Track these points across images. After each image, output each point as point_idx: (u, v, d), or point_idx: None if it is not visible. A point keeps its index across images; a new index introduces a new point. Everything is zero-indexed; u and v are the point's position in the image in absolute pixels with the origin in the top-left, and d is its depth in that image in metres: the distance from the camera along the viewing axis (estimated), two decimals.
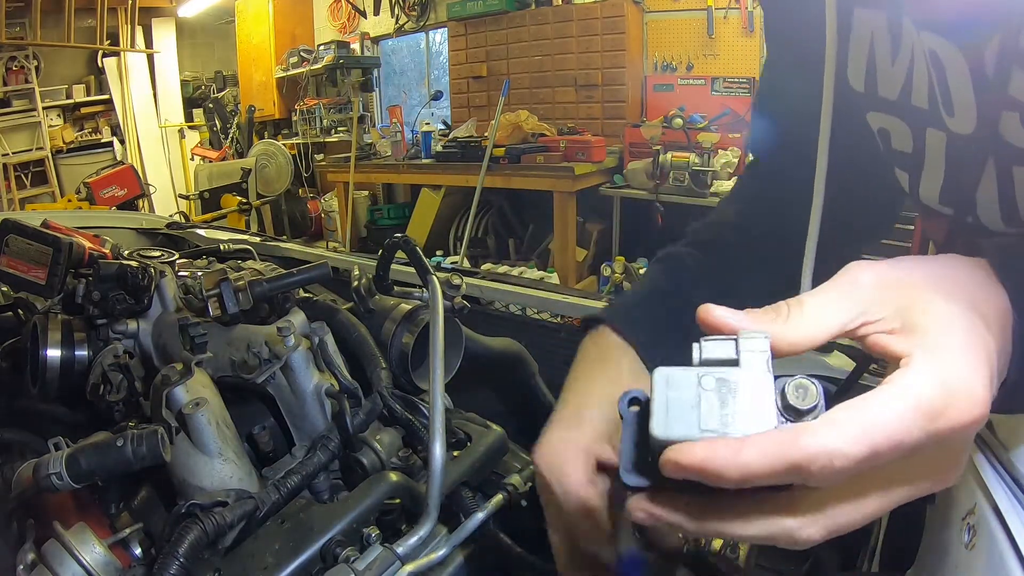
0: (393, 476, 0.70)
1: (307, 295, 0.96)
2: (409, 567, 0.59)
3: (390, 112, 6.44)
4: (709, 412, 0.32)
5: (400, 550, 0.59)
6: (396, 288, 0.95)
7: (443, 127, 6.25)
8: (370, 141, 6.31)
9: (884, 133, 0.63)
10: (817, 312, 0.36)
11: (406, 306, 0.92)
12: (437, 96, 6.04)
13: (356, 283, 0.92)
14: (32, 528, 0.69)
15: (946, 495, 0.55)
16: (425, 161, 5.59)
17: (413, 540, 0.60)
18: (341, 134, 7.12)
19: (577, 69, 5.48)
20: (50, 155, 7.46)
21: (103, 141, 7.96)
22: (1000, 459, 0.52)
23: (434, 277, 0.76)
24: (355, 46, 7.42)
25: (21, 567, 0.62)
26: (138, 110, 8.00)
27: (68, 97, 7.73)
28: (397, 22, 6.93)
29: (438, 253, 5.55)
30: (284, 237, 3.11)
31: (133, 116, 7.97)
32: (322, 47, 7.39)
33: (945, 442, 0.32)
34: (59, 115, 7.71)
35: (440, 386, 0.63)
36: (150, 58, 8.11)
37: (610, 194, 4.97)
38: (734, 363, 0.33)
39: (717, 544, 0.73)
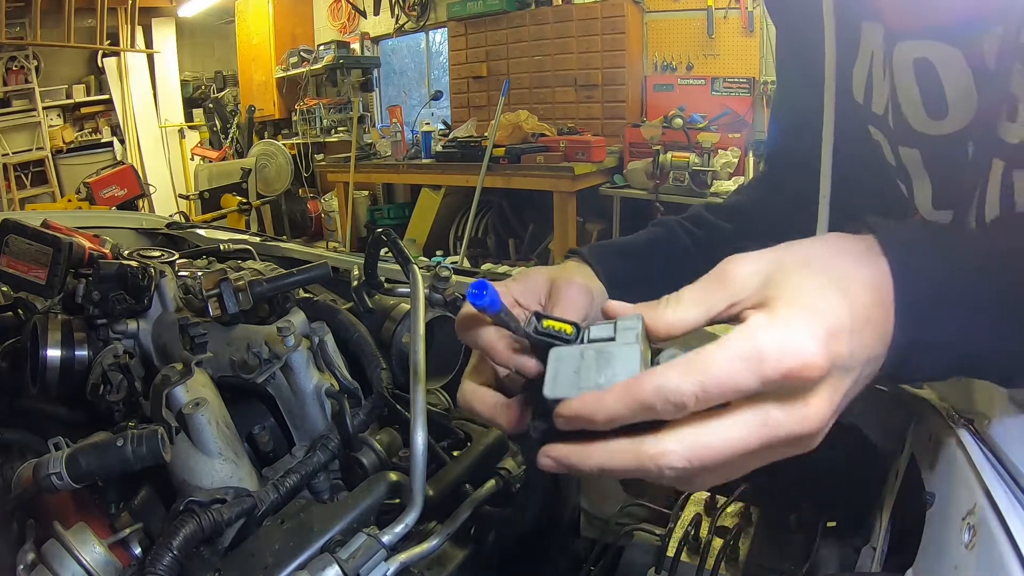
0: (393, 476, 0.70)
1: (307, 295, 0.96)
2: (401, 556, 0.59)
3: (390, 112, 6.44)
4: (587, 375, 0.40)
5: (385, 539, 0.59)
6: (385, 284, 0.95)
7: (443, 127, 6.25)
8: (370, 141, 6.31)
9: (878, 145, 0.66)
10: (689, 301, 0.42)
11: (405, 306, 0.92)
12: (437, 96, 6.04)
13: (356, 283, 0.92)
14: (32, 528, 0.69)
15: (946, 495, 0.55)
16: (425, 161, 5.59)
17: (399, 528, 0.59)
18: (341, 134, 7.11)
19: (577, 69, 5.48)
20: (50, 155, 7.46)
21: (103, 141, 7.95)
22: (1000, 459, 0.52)
23: (414, 266, 0.76)
24: (355, 46, 7.42)
25: (21, 567, 0.62)
26: (138, 110, 8.00)
27: (68, 97, 7.72)
28: (397, 22, 6.93)
29: (438, 253, 5.55)
30: (284, 237, 3.11)
31: (133, 116, 7.97)
32: (322, 47, 7.39)
33: (783, 387, 0.37)
34: (59, 115, 7.71)
35: (422, 372, 0.63)
36: (150, 58, 8.10)
37: (610, 194, 4.97)
38: (611, 340, 0.41)
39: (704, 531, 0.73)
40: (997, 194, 0.53)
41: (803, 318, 0.37)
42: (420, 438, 0.60)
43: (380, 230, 0.87)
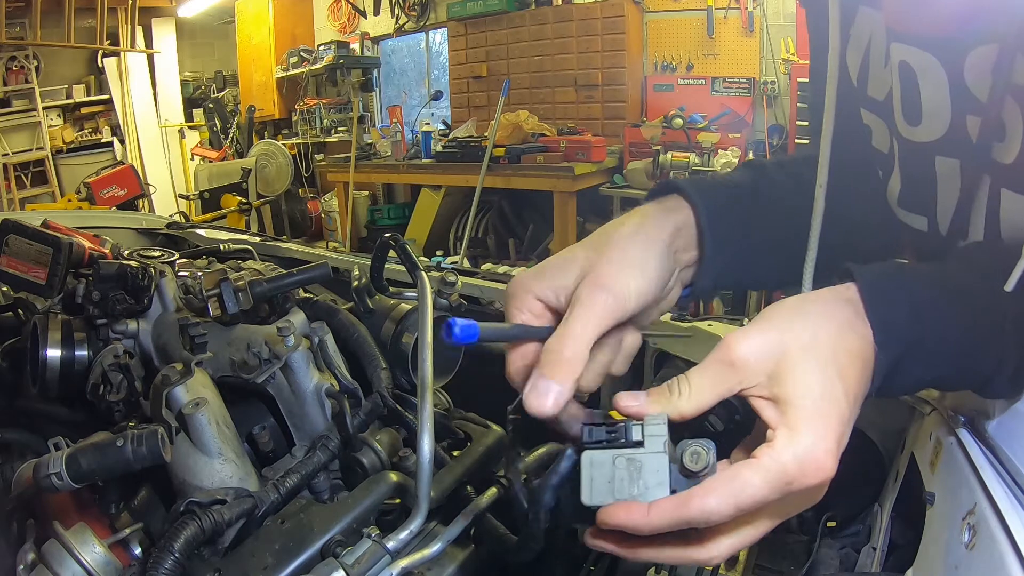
0: (393, 476, 0.70)
1: (307, 295, 0.96)
2: (403, 562, 0.59)
3: (390, 112, 6.43)
4: (621, 485, 0.45)
5: (390, 544, 0.59)
6: (391, 288, 0.95)
7: (443, 127, 6.24)
8: (370, 141, 6.31)
9: (867, 130, 0.67)
10: (699, 389, 0.46)
11: (406, 306, 0.92)
12: (437, 96, 6.03)
13: (356, 283, 0.92)
14: (32, 528, 0.69)
15: (946, 495, 0.55)
16: (425, 161, 5.59)
17: (404, 535, 0.59)
18: (341, 134, 7.11)
19: (577, 69, 5.48)
20: (50, 155, 7.46)
21: (103, 141, 7.95)
22: (1000, 459, 0.52)
23: (423, 273, 0.76)
24: (355, 46, 7.42)
25: (21, 567, 0.62)
26: (138, 110, 7.99)
27: (68, 97, 7.72)
28: (397, 22, 6.93)
29: (438, 253, 5.55)
30: (284, 237, 3.11)
31: (133, 116, 7.96)
32: (322, 47, 7.39)
33: (801, 493, 0.43)
34: (59, 115, 7.70)
35: (429, 381, 0.63)
36: (150, 58, 8.10)
37: (610, 194, 4.96)
38: (640, 444, 0.45)
39: None
40: (983, 209, 0.54)
41: (818, 433, 0.43)
42: (427, 445, 0.60)
43: (388, 235, 0.87)
